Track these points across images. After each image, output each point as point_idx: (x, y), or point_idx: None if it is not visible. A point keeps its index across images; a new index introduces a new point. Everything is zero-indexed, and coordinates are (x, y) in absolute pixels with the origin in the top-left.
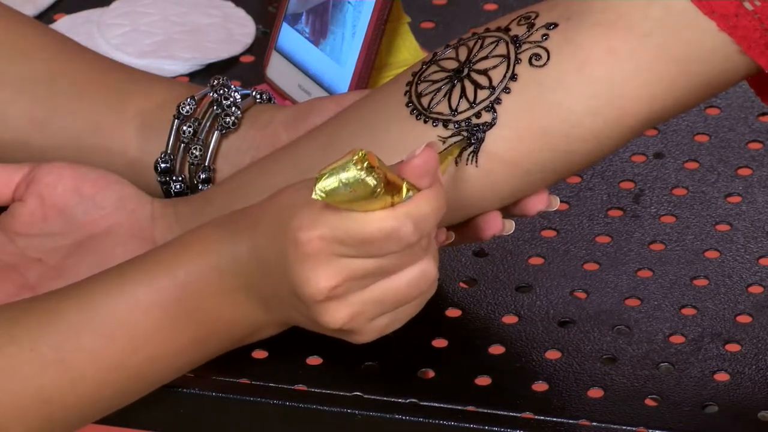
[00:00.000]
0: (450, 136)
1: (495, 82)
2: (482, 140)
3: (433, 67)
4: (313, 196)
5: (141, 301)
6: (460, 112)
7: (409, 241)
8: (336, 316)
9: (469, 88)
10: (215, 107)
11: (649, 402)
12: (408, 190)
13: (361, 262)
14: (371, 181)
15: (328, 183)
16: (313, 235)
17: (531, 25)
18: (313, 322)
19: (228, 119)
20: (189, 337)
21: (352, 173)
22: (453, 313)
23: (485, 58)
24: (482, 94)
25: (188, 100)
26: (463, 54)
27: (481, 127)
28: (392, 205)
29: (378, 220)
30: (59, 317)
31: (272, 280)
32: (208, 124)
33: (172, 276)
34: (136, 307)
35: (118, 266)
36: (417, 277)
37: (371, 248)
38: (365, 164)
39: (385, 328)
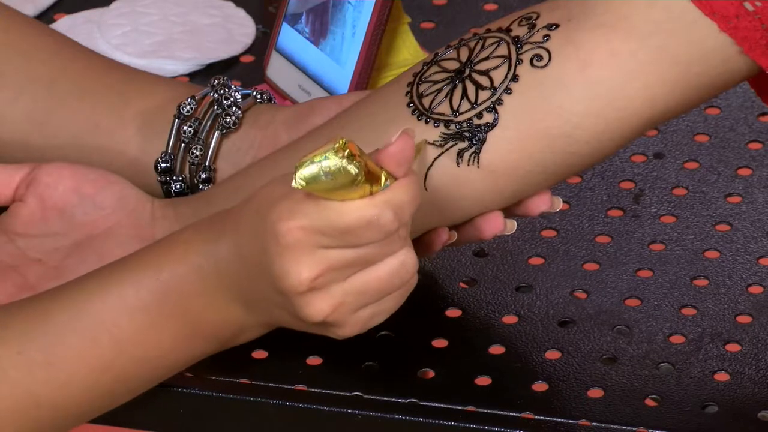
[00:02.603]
0: (452, 135)
1: (496, 83)
2: (484, 141)
3: (434, 68)
4: (293, 184)
5: (126, 302)
6: (462, 113)
7: (389, 229)
8: (318, 307)
9: (471, 89)
10: (216, 107)
11: (649, 402)
12: (386, 179)
13: (341, 252)
14: (352, 169)
15: (309, 171)
16: (292, 225)
17: (532, 26)
18: (295, 317)
19: (228, 119)
20: (172, 337)
21: (333, 161)
22: (453, 313)
23: (486, 58)
24: (483, 94)
25: (189, 99)
26: (464, 54)
27: (482, 127)
28: (371, 194)
29: (358, 208)
30: (47, 319)
31: (254, 278)
32: (208, 124)
33: (156, 277)
34: (121, 308)
35: (105, 267)
36: (397, 266)
37: (351, 237)
38: (346, 152)
39: (368, 321)
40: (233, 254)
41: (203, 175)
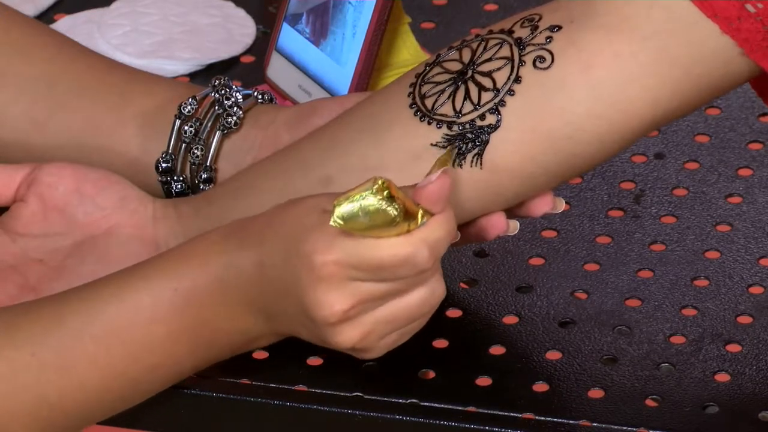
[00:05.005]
0: (455, 137)
1: (499, 84)
2: (487, 142)
3: (437, 69)
4: (331, 222)
5: (142, 310)
6: (464, 114)
7: (425, 267)
8: (348, 336)
9: (473, 90)
10: (217, 107)
11: (649, 402)
12: (422, 216)
13: (374, 285)
14: (392, 211)
15: (347, 210)
16: (327, 259)
17: (534, 28)
18: (322, 341)
19: (230, 119)
20: (188, 346)
21: (372, 202)
22: (453, 313)
23: (489, 60)
24: (486, 96)
25: (189, 100)
26: (466, 56)
27: (485, 129)
28: (407, 231)
29: (394, 246)
30: (61, 323)
31: (280, 298)
32: (209, 124)
33: (174, 286)
34: (138, 315)
35: (121, 272)
36: (427, 295)
37: (385, 273)
38: (385, 193)
39: (393, 344)
40: (257, 270)
41: (204, 176)
